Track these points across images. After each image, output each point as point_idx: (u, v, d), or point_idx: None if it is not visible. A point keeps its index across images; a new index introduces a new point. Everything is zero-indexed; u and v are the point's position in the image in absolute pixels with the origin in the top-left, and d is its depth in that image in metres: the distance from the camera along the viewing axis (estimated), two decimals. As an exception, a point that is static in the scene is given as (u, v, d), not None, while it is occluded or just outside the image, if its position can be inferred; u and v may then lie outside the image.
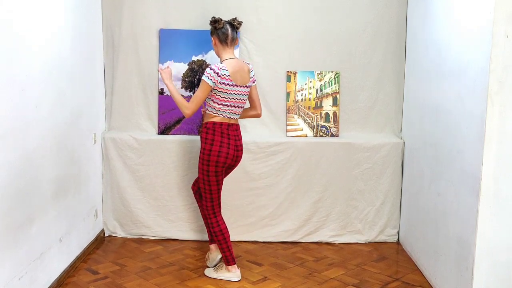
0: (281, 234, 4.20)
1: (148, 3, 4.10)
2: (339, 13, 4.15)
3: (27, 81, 2.76)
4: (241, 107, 3.41)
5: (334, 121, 4.22)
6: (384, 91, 4.24)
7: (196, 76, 4.14)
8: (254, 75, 3.49)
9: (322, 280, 3.53)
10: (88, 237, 3.90)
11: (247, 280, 3.50)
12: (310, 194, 4.17)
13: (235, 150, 3.38)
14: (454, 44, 3.13)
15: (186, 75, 4.14)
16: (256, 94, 3.55)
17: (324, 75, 4.22)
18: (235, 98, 3.33)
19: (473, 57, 2.83)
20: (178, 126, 4.17)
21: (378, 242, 4.26)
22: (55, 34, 3.16)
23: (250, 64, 3.49)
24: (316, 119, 4.22)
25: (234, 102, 3.34)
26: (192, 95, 4.11)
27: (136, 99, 4.19)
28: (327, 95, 4.22)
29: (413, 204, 3.93)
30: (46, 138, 3.04)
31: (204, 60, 4.14)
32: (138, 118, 4.21)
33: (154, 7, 4.11)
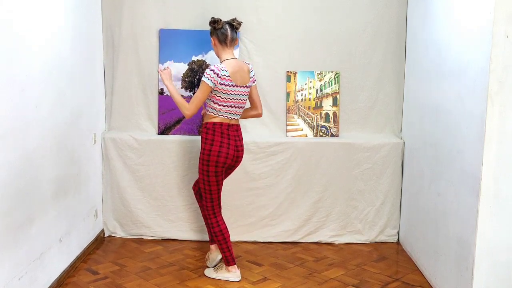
0: (281, 234, 4.20)
1: (148, 3, 4.10)
2: (339, 13, 4.15)
3: (27, 81, 2.76)
4: (241, 108, 3.41)
5: (334, 121, 4.22)
6: (384, 91, 4.24)
7: (196, 76, 4.14)
8: (254, 75, 3.49)
9: (322, 280, 3.53)
10: (88, 237, 3.90)
11: (247, 280, 3.50)
12: (310, 194, 4.17)
13: (235, 150, 3.38)
14: (454, 44, 3.13)
15: (186, 75, 4.14)
16: (256, 94, 3.55)
17: (324, 75, 4.22)
18: (235, 99, 3.33)
19: (473, 57, 2.83)
20: (178, 126, 4.17)
21: (378, 242, 4.26)
22: (55, 34, 3.16)
23: (250, 64, 3.49)
24: (316, 119, 4.22)
25: (234, 102, 3.34)
26: (192, 95, 4.11)
27: (136, 99, 4.19)
28: (327, 95, 4.22)
29: (413, 204, 3.93)
30: (46, 138, 3.04)
31: (204, 60, 4.14)
32: (138, 118, 4.21)
33: (154, 7, 4.11)
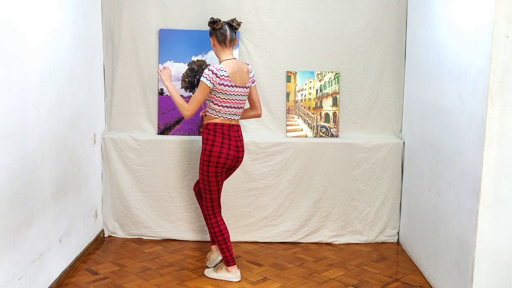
0: (281, 234, 4.20)
1: (148, 3, 4.10)
2: (339, 13, 4.15)
3: (26, 81, 2.75)
4: (241, 108, 3.41)
5: (334, 121, 4.22)
6: (384, 91, 4.24)
7: (196, 77, 4.14)
8: (253, 76, 3.48)
9: (322, 280, 3.53)
10: (88, 237, 3.90)
11: (247, 280, 3.50)
12: (310, 195, 4.17)
13: (235, 151, 3.38)
14: (454, 44, 3.13)
15: (185, 76, 4.14)
16: (256, 94, 3.54)
17: (324, 75, 4.21)
18: (234, 99, 3.33)
19: (473, 57, 2.83)
20: (178, 126, 4.17)
21: (378, 243, 4.26)
22: (55, 35, 3.15)
23: (249, 65, 3.48)
24: (316, 119, 4.22)
25: (234, 103, 3.33)
26: (192, 95, 4.11)
27: (136, 99, 4.19)
28: (327, 95, 4.22)
29: (413, 204, 3.93)
30: (46, 139, 3.03)
31: (204, 61, 4.14)
32: (138, 118, 4.21)
33: (154, 8, 4.11)
